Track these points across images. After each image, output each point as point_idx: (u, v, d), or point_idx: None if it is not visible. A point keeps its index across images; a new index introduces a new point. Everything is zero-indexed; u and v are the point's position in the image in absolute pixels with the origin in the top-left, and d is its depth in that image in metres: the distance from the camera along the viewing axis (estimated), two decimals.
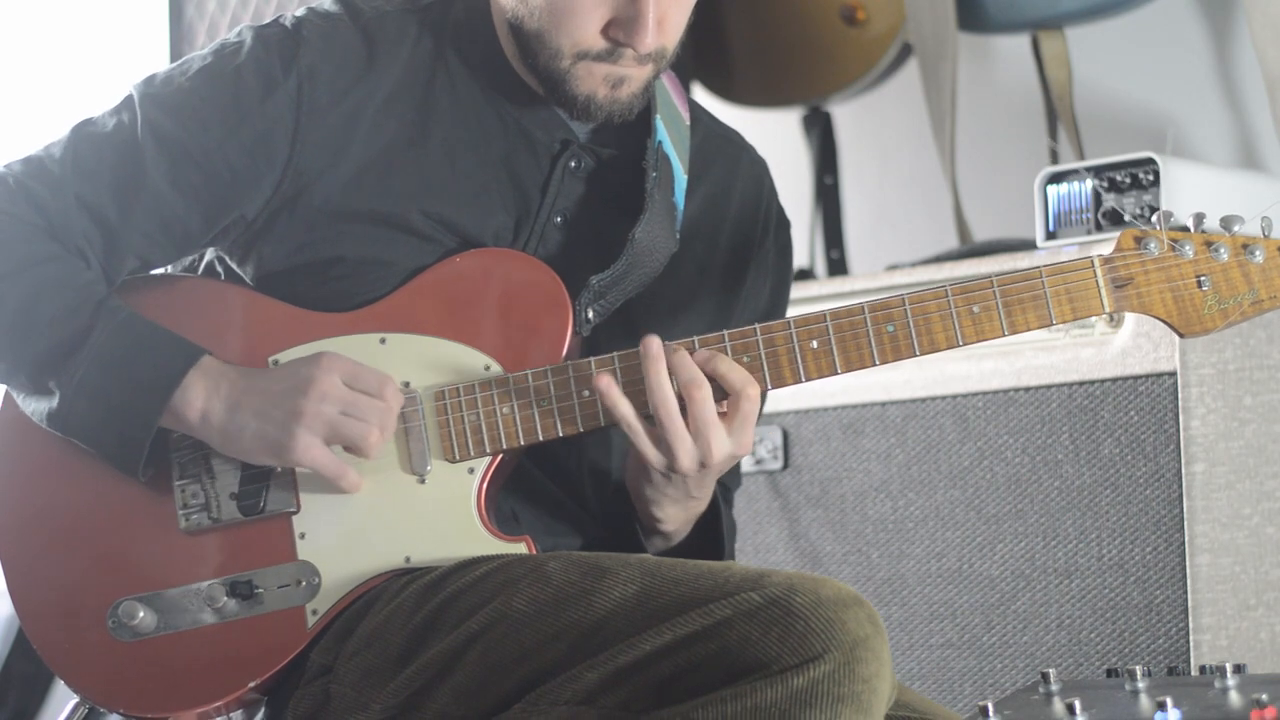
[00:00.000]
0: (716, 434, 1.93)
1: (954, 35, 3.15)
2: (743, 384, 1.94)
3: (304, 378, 1.97)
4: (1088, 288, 1.95)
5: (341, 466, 1.98)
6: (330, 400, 1.96)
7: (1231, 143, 3.27)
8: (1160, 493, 2.52)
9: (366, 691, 1.94)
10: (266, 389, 1.98)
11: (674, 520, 2.06)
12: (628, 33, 1.98)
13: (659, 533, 2.08)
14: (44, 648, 2.06)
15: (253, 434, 1.98)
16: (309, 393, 1.96)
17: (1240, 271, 1.95)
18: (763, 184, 2.25)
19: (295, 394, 1.96)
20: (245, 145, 2.03)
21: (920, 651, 2.71)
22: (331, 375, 1.96)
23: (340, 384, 1.97)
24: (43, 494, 2.07)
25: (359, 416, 1.96)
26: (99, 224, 2.04)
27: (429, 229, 2.05)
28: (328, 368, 1.97)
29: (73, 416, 1.99)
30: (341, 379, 1.97)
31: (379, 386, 1.97)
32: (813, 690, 1.70)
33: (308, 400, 1.95)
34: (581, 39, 1.99)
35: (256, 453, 1.99)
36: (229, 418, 1.98)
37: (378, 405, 1.97)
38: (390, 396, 1.98)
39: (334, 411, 1.96)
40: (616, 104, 2.04)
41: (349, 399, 1.96)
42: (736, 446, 1.95)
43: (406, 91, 2.07)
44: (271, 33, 2.06)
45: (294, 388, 1.97)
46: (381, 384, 1.98)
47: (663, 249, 2.09)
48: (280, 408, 1.96)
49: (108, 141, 2.05)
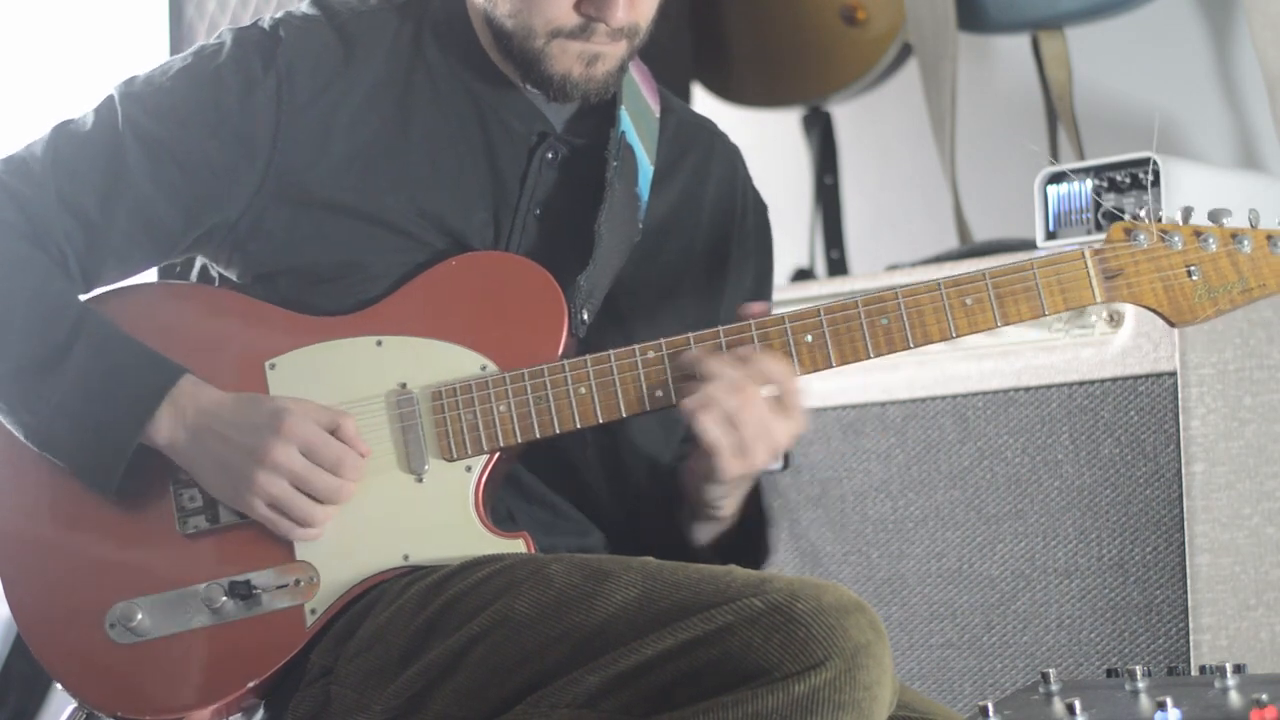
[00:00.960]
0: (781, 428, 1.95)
1: (954, 35, 3.15)
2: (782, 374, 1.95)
3: (261, 443, 1.96)
4: (1079, 278, 1.97)
5: (288, 528, 1.98)
6: (282, 472, 1.96)
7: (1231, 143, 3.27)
8: (1160, 493, 2.51)
9: (367, 693, 1.93)
10: (227, 436, 1.98)
11: (733, 505, 2.06)
12: (599, 8, 2.00)
13: (714, 518, 2.07)
14: (41, 652, 2.05)
15: (211, 479, 2.00)
16: (264, 461, 1.96)
17: (1229, 261, 1.97)
18: (736, 169, 2.26)
19: (250, 459, 1.96)
20: (226, 144, 2.04)
21: (920, 651, 2.71)
22: (289, 447, 1.96)
23: (296, 456, 1.96)
24: (40, 499, 2.07)
25: (310, 493, 1.97)
26: (80, 222, 2.04)
27: (411, 224, 2.05)
28: (287, 436, 1.96)
29: (51, 436, 2.00)
30: (300, 449, 1.96)
31: (336, 462, 1.97)
32: (814, 697, 1.70)
33: (260, 469, 1.96)
34: (554, 16, 2.01)
35: (213, 493, 2.01)
36: (191, 450, 1.99)
37: (331, 483, 1.97)
38: (348, 473, 1.97)
39: (284, 486, 1.96)
40: (592, 82, 2.06)
41: (302, 475, 1.96)
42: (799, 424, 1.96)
43: (385, 87, 2.08)
44: (250, 34, 2.08)
45: (250, 450, 1.96)
46: (339, 460, 1.97)
47: (625, 239, 2.11)
48: (235, 468, 1.97)
49: (89, 141, 2.05)
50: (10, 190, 2.04)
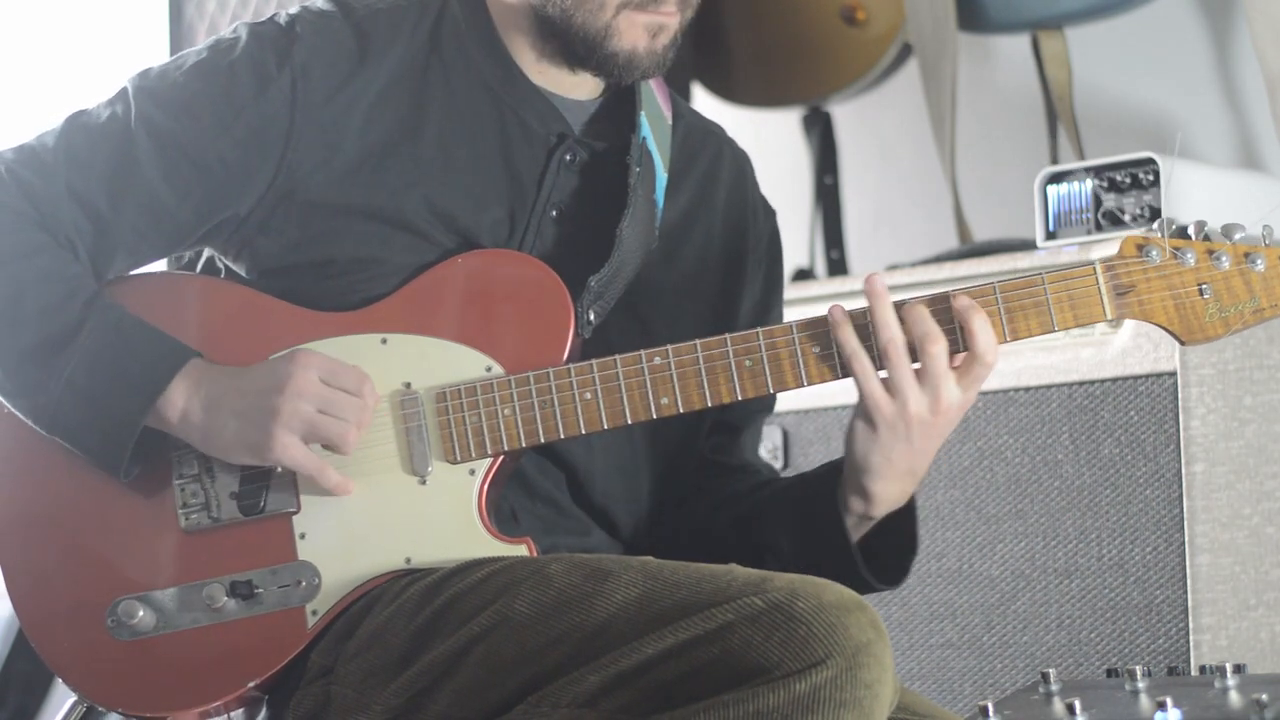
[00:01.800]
0: (947, 383, 1.91)
1: (954, 35, 3.15)
2: (985, 349, 1.91)
3: (281, 375, 1.96)
4: (1090, 294, 1.95)
5: (320, 464, 1.98)
6: (307, 398, 1.96)
7: (1231, 143, 3.28)
8: (1160, 493, 2.52)
9: (367, 693, 1.94)
10: (244, 388, 1.98)
11: (888, 500, 2.00)
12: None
13: (865, 514, 2.01)
14: (43, 647, 2.05)
15: (232, 433, 1.98)
16: (285, 390, 1.95)
17: (1242, 280, 1.94)
18: (745, 174, 2.26)
19: (272, 393, 1.96)
20: (239, 140, 2.03)
21: (920, 651, 2.71)
22: (308, 372, 1.96)
23: (317, 381, 1.96)
24: (42, 493, 2.07)
25: (336, 414, 1.96)
26: (89, 215, 2.03)
27: (423, 223, 2.05)
28: (304, 364, 1.96)
29: (59, 414, 1.99)
30: (319, 376, 1.96)
31: (357, 384, 1.97)
32: (815, 696, 1.70)
33: (284, 398, 1.95)
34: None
35: (236, 452, 1.99)
36: (208, 418, 1.98)
37: (355, 403, 1.97)
38: (368, 394, 1.98)
39: (310, 409, 1.96)
40: (654, 57, 2.06)
41: (326, 396, 1.96)
42: (967, 398, 1.93)
43: (401, 85, 2.07)
44: (266, 29, 2.07)
45: (271, 386, 1.96)
46: (359, 381, 1.97)
47: (643, 245, 2.10)
48: (257, 407, 1.96)
49: (101, 133, 2.05)
50: (21, 180, 2.03)
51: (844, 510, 2.01)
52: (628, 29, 2.04)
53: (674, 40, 2.08)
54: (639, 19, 2.04)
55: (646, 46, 2.05)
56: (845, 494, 2.01)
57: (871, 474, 1.97)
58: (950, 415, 1.93)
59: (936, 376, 1.91)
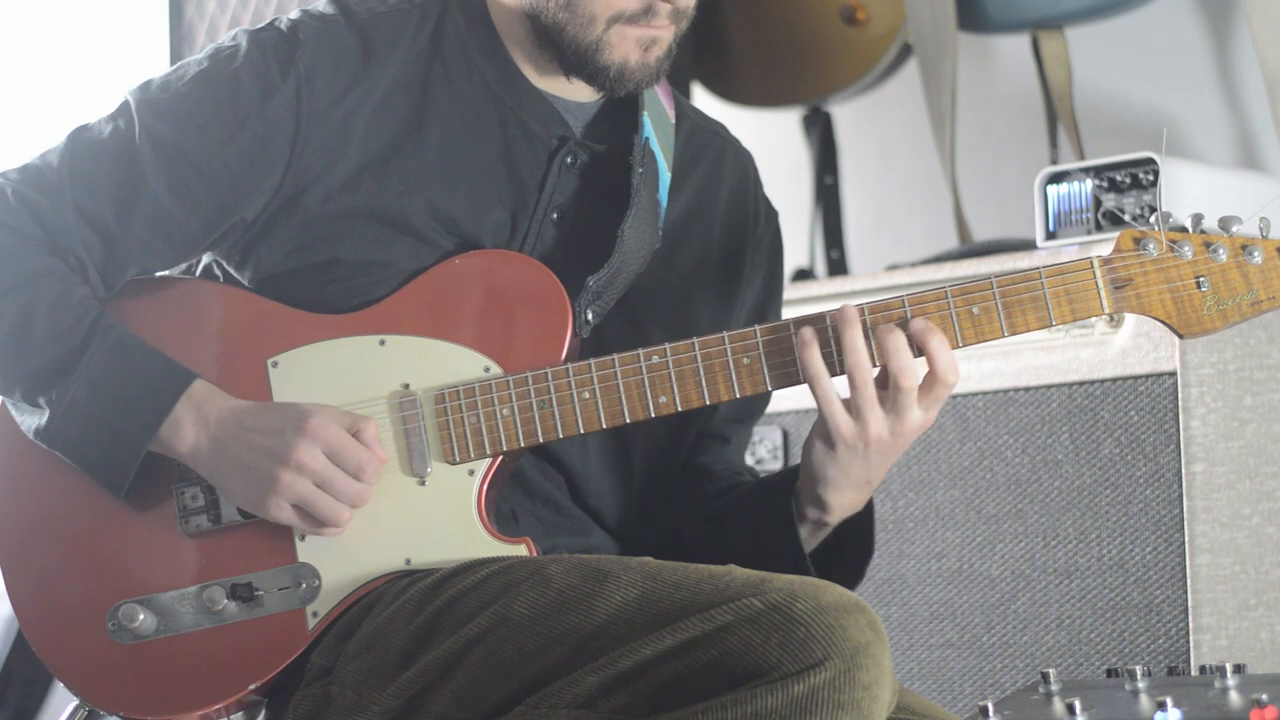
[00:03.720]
0: (912, 409, 1.93)
1: (954, 35, 3.15)
2: (945, 369, 1.92)
3: (286, 443, 1.96)
4: (1087, 289, 1.95)
5: (314, 528, 1.99)
6: (307, 473, 1.96)
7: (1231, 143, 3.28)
8: (1160, 493, 2.52)
9: (367, 693, 1.94)
10: (251, 441, 1.98)
11: (842, 508, 2.02)
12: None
13: (820, 521, 2.04)
14: (43, 650, 2.06)
15: (235, 483, 1.99)
16: (289, 461, 1.95)
17: (1239, 272, 1.95)
18: (748, 175, 2.26)
19: (275, 459, 1.96)
20: (244, 149, 2.03)
21: (920, 651, 2.71)
22: (313, 448, 1.96)
23: (320, 457, 1.96)
24: (43, 497, 2.07)
25: (334, 494, 1.97)
26: (98, 233, 2.03)
27: (426, 227, 2.05)
28: (312, 436, 1.96)
29: (62, 435, 2.00)
30: (324, 451, 1.96)
31: (359, 467, 1.97)
32: (813, 697, 1.70)
33: (285, 469, 1.96)
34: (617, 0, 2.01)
35: (237, 500, 2.01)
36: (214, 459, 1.99)
37: (354, 487, 1.97)
38: (369, 478, 1.98)
39: (309, 486, 1.96)
40: (646, 69, 2.05)
41: (326, 476, 1.96)
42: (928, 418, 1.95)
43: (403, 89, 2.07)
44: (267, 36, 2.06)
45: (275, 451, 1.96)
46: (362, 465, 1.97)
47: (647, 246, 2.10)
48: (260, 469, 1.97)
49: (105, 149, 2.04)
50: (28, 201, 2.03)
51: (799, 518, 2.04)
52: (619, 43, 2.03)
53: (669, 51, 2.07)
54: (630, 33, 2.03)
55: (639, 60, 2.05)
56: (801, 502, 2.03)
57: (827, 485, 1.99)
58: (910, 435, 1.95)
59: (903, 406, 1.92)
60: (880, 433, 1.93)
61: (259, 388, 2.03)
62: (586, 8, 2.02)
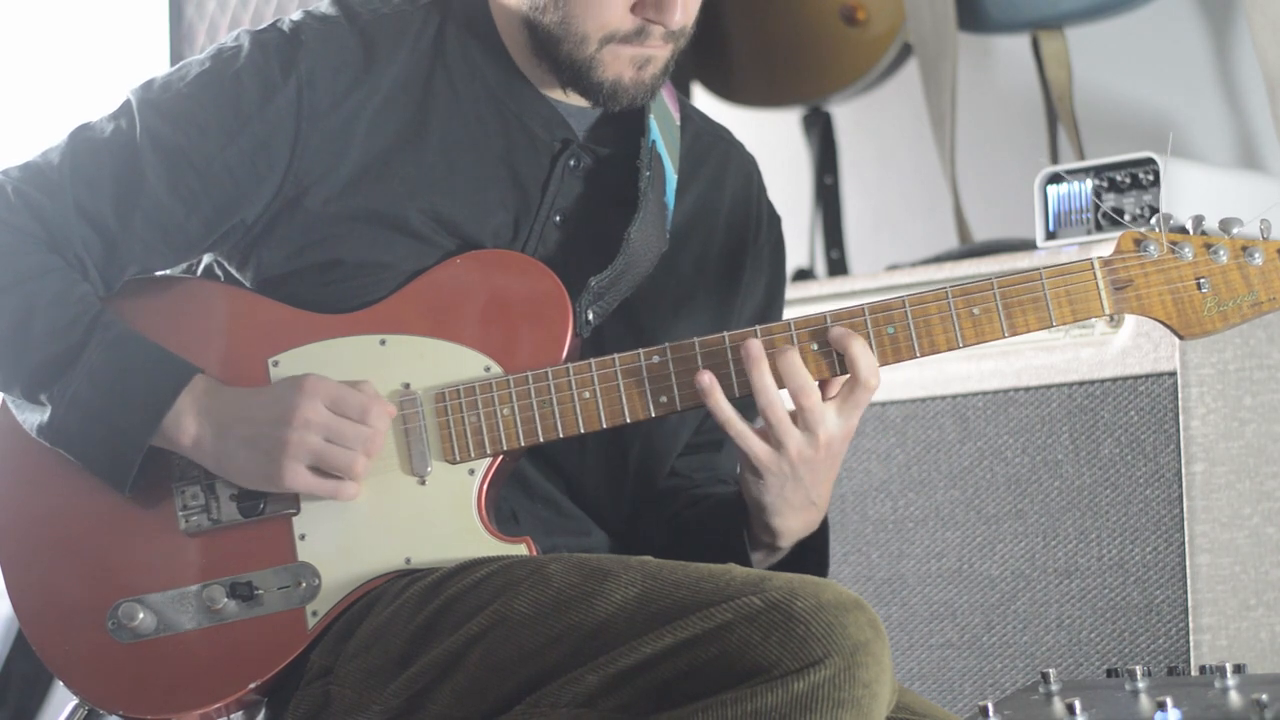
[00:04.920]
0: (825, 422, 1.94)
1: (954, 35, 3.15)
2: (867, 373, 1.94)
3: (288, 405, 1.96)
4: (1088, 290, 1.95)
5: (333, 487, 1.98)
6: (314, 428, 1.96)
7: (1231, 143, 3.28)
8: (1160, 493, 2.52)
9: (367, 693, 1.94)
10: (253, 416, 1.98)
11: (791, 533, 2.04)
12: (658, 10, 1.99)
13: (772, 546, 2.06)
14: (43, 649, 2.06)
15: (243, 463, 1.99)
16: (293, 421, 1.96)
17: (1240, 273, 1.95)
18: (752, 180, 2.26)
19: (280, 424, 1.96)
20: (245, 151, 2.03)
21: (920, 651, 2.71)
22: (314, 401, 1.96)
23: (324, 410, 1.96)
24: (43, 495, 2.07)
25: (343, 444, 1.97)
26: (98, 232, 2.03)
27: (427, 229, 2.05)
28: (311, 392, 1.96)
29: (64, 431, 2.00)
30: (325, 404, 1.97)
31: (363, 411, 1.97)
32: (813, 695, 1.70)
33: (292, 429, 1.96)
34: (610, 20, 2.00)
35: (248, 480, 2.00)
36: (219, 446, 1.99)
37: (362, 431, 1.97)
38: (374, 420, 1.98)
39: (318, 439, 1.96)
40: (640, 87, 2.05)
41: (333, 426, 1.96)
42: (849, 426, 1.96)
43: (405, 91, 2.07)
44: (269, 37, 2.06)
45: (278, 417, 1.96)
46: (365, 408, 1.97)
47: (654, 248, 2.10)
48: (266, 437, 1.97)
49: (106, 148, 2.04)
50: (28, 199, 2.03)
51: (753, 545, 2.06)
52: (612, 61, 2.03)
53: (665, 68, 2.06)
54: (624, 52, 2.03)
55: (632, 78, 2.04)
56: (752, 529, 2.05)
57: (770, 513, 2.01)
58: (834, 448, 1.96)
59: (813, 423, 1.94)
60: (801, 450, 1.94)
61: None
62: (579, 26, 2.01)
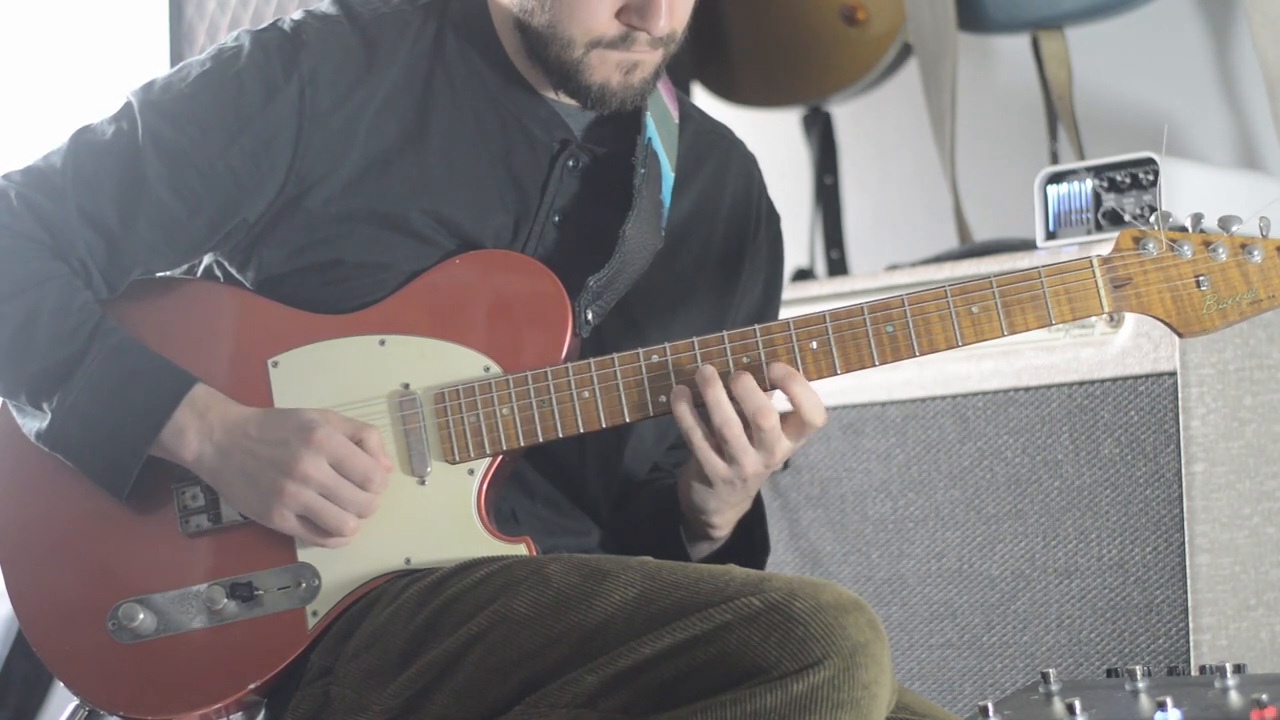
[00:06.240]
0: (781, 442, 1.97)
1: (954, 35, 3.15)
2: (811, 413, 1.97)
3: (292, 454, 1.96)
4: (1087, 288, 1.95)
5: (321, 540, 1.99)
6: (313, 484, 1.96)
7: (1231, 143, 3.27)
8: (1160, 493, 2.51)
9: (367, 693, 1.94)
10: (255, 451, 1.98)
11: (729, 524, 2.09)
12: (642, 16, 1.99)
13: (709, 538, 2.11)
14: (43, 650, 2.06)
15: (239, 492, 1.99)
16: (293, 473, 1.95)
17: (1239, 271, 1.95)
18: (753, 178, 2.26)
19: (280, 470, 1.96)
20: (247, 151, 2.03)
21: (920, 651, 2.71)
22: (318, 458, 1.96)
23: (326, 468, 1.96)
24: (43, 497, 2.07)
25: (339, 504, 1.97)
26: (101, 234, 2.03)
27: (427, 229, 2.05)
28: (317, 447, 1.96)
29: (62, 438, 2.00)
30: (329, 461, 1.96)
31: (365, 477, 1.97)
32: (812, 696, 1.70)
33: (291, 480, 1.96)
34: (594, 26, 2.00)
35: (241, 508, 2.01)
36: (218, 469, 1.99)
37: (360, 496, 1.97)
38: (375, 487, 1.98)
39: (314, 495, 1.96)
40: (629, 90, 2.05)
41: (331, 486, 1.96)
42: (797, 444, 1.99)
43: (405, 91, 2.07)
44: (270, 37, 2.06)
45: (280, 462, 1.96)
46: (368, 475, 1.97)
47: (649, 246, 2.10)
48: (265, 478, 1.97)
49: (108, 150, 2.04)
50: (31, 204, 2.03)
51: (690, 539, 2.11)
52: (599, 65, 2.03)
53: (655, 73, 2.07)
54: (611, 56, 2.03)
55: (620, 82, 2.05)
56: (689, 527, 2.10)
57: (709, 514, 2.06)
58: (781, 461, 2.00)
59: (771, 442, 1.96)
60: (756, 469, 1.98)
61: (259, 387, 2.04)
62: (565, 30, 2.02)
